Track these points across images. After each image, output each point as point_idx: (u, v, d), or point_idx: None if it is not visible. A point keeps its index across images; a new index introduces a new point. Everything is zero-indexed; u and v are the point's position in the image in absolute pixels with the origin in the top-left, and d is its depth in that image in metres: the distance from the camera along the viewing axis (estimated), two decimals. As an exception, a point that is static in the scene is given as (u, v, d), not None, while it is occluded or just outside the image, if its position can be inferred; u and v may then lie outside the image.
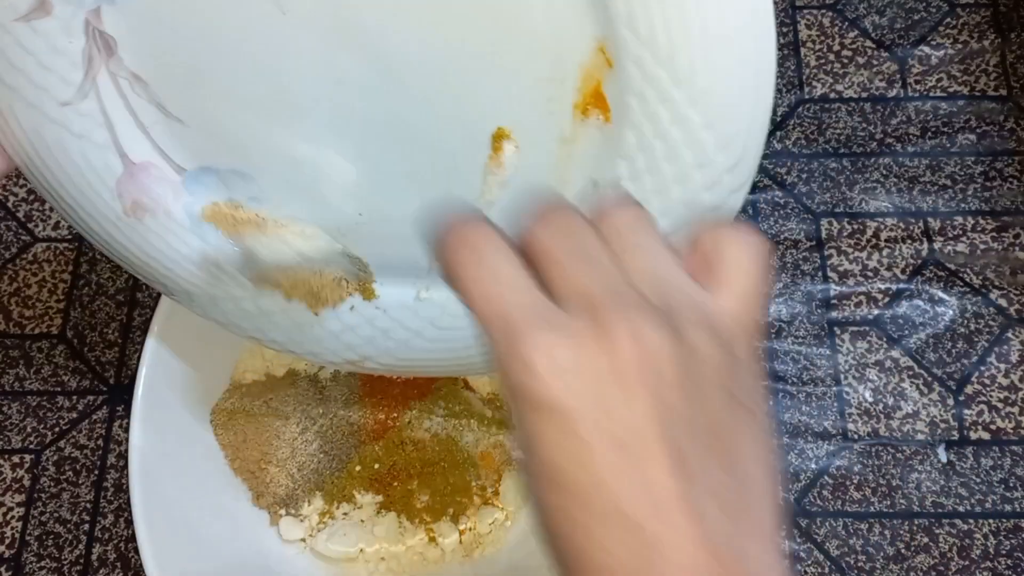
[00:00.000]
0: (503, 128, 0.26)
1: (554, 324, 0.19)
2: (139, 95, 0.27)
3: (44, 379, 0.49)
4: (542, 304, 0.19)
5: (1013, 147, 0.52)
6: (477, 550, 0.42)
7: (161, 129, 0.28)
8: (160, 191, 0.29)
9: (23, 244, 0.52)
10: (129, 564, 0.45)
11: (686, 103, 0.23)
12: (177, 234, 0.30)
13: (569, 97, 0.25)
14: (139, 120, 0.28)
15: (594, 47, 0.23)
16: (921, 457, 0.46)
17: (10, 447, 0.48)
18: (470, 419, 0.44)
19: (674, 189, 0.25)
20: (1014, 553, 0.44)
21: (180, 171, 0.29)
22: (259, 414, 0.42)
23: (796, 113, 0.53)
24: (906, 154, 0.52)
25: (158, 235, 0.29)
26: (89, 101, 0.27)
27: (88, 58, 0.26)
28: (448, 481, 0.42)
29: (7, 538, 0.46)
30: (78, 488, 0.47)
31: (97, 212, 0.29)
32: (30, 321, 0.50)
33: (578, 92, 0.24)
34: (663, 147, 0.24)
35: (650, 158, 0.24)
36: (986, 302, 0.48)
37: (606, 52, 0.23)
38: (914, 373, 0.47)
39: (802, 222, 0.51)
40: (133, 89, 0.27)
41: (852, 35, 0.55)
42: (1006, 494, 0.45)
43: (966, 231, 0.50)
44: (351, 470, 0.42)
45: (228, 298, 0.31)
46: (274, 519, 0.42)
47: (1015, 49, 0.54)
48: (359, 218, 0.29)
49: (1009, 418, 0.46)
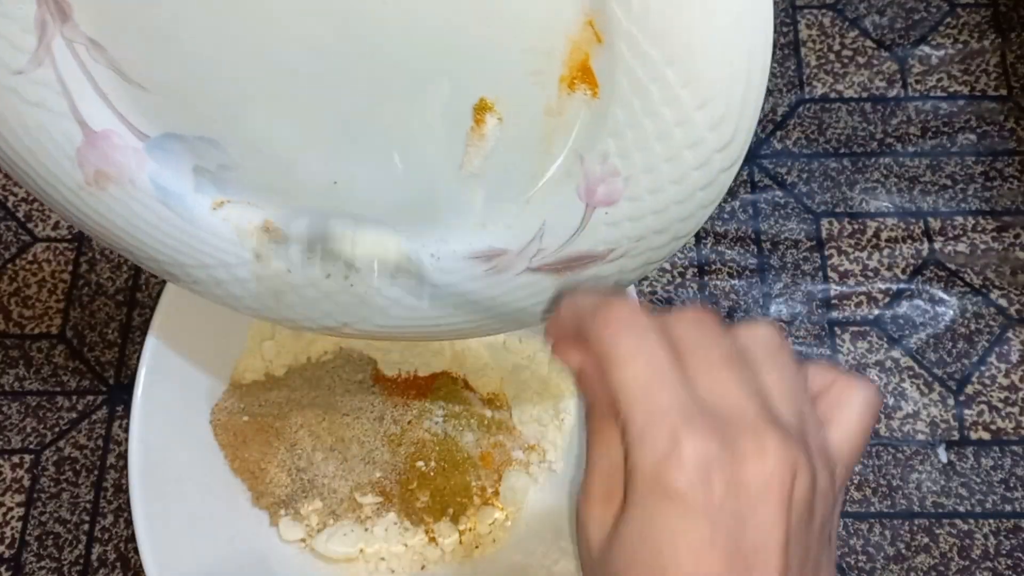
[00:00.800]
0: (486, 99, 0.26)
1: (707, 427, 0.20)
2: (97, 61, 0.26)
3: (44, 379, 0.49)
4: (694, 404, 0.20)
5: (1013, 147, 0.52)
6: (477, 550, 0.42)
7: (122, 95, 0.27)
8: (123, 159, 0.28)
9: (23, 244, 0.52)
10: (129, 564, 0.45)
11: (678, 83, 0.23)
12: (143, 203, 0.28)
13: (556, 70, 0.24)
14: (98, 87, 0.26)
15: (583, 21, 0.23)
16: (921, 457, 0.46)
17: (10, 447, 0.48)
18: (470, 419, 0.44)
19: (663, 167, 0.25)
20: (1014, 553, 0.44)
21: (144, 138, 0.28)
22: (259, 414, 0.42)
23: (796, 113, 0.53)
24: (906, 154, 0.52)
25: (123, 204, 0.28)
26: (44, 69, 0.25)
27: (41, 24, 0.25)
28: (448, 481, 0.42)
29: (7, 538, 0.46)
30: (78, 488, 0.47)
31: (59, 183, 0.28)
32: (30, 321, 0.50)
33: (565, 65, 0.24)
34: (653, 126, 0.24)
35: (639, 136, 0.24)
36: (986, 302, 0.48)
37: (595, 27, 0.23)
38: (914, 373, 0.47)
39: (802, 222, 0.51)
40: (91, 55, 0.26)
41: (852, 35, 0.55)
42: (1006, 494, 0.45)
43: (966, 231, 0.50)
44: (351, 470, 0.42)
45: (199, 266, 0.30)
46: (274, 519, 0.42)
47: (1015, 49, 0.54)
48: (334, 186, 0.29)
49: (1009, 418, 0.46)
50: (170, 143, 0.28)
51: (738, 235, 0.50)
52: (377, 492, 0.42)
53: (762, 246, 0.50)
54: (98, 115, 0.27)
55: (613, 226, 0.26)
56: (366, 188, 0.29)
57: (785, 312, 0.49)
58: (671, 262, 0.50)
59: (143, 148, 0.28)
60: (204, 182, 0.29)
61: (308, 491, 0.42)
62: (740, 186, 0.51)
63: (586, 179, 0.26)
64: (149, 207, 0.29)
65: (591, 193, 0.26)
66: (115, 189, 0.28)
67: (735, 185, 0.51)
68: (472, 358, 0.46)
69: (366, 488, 0.42)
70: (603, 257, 0.27)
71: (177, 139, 0.28)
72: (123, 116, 0.27)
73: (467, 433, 0.43)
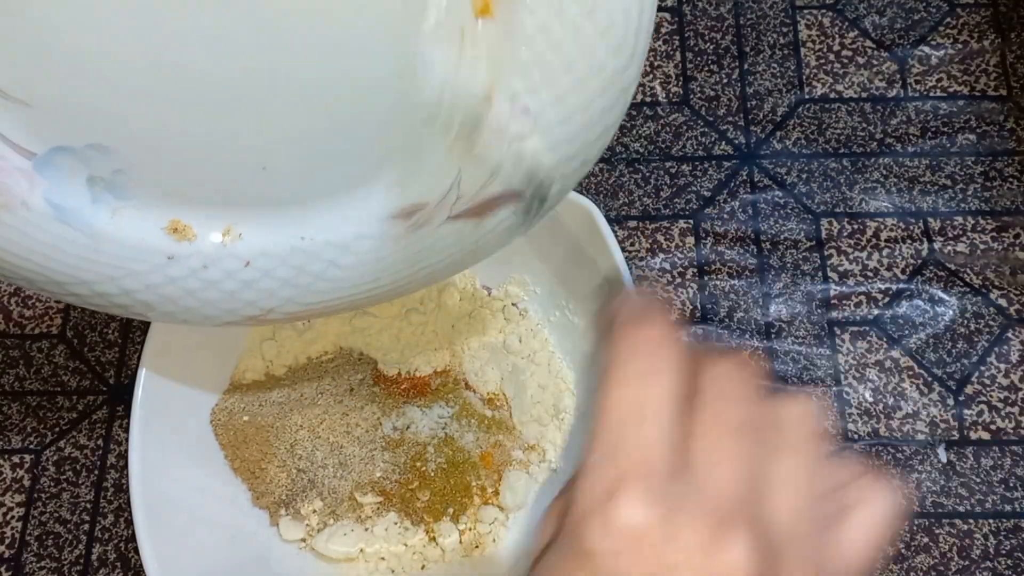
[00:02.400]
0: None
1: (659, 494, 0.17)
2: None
3: (44, 379, 0.49)
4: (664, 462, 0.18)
5: (1013, 147, 0.52)
6: (477, 550, 0.42)
7: (2, 115, 0.25)
8: (11, 182, 0.26)
9: (23, 244, 0.52)
10: (129, 564, 0.45)
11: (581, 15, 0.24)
12: (39, 225, 0.27)
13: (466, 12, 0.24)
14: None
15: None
16: (921, 457, 0.46)
17: (10, 447, 0.48)
18: (470, 419, 0.44)
19: (570, 98, 0.25)
20: (1014, 553, 0.44)
21: (30, 156, 0.26)
22: (259, 414, 0.42)
23: (796, 113, 0.53)
24: (906, 154, 0.52)
25: (17, 230, 0.27)
26: None
27: None
28: (448, 481, 0.42)
29: (7, 538, 0.46)
30: (78, 488, 0.47)
31: None
32: (30, 321, 0.50)
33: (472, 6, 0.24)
34: (558, 60, 0.24)
35: (545, 72, 0.25)
36: (986, 302, 0.48)
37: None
38: (914, 373, 0.47)
39: (802, 222, 0.51)
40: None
41: (852, 35, 0.55)
42: (1006, 494, 0.45)
43: (966, 231, 0.50)
44: (351, 470, 0.42)
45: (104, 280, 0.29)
46: (274, 519, 0.42)
47: (1015, 49, 0.54)
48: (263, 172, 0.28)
49: (1009, 418, 0.46)
50: (59, 157, 0.27)
51: (738, 235, 0.50)
52: (377, 492, 0.42)
53: (762, 246, 0.50)
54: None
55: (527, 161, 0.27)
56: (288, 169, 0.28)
57: (785, 312, 0.49)
58: (671, 262, 0.50)
59: (31, 167, 0.26)
60: (100, 191, 0.28)
61: (308, 491, 0.42)
62: (740, 186, 0.51)
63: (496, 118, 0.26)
64: (46, 229, 0.27)
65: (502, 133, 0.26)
66: (7, 216, 0.26)
67: (735, 185, 0.51)
68: (472, 358, 0.46)
69: (366, 488, 0.42)
70: (520, 194, 0.28)
71: (66, 152, 0.26)
72: (6, 136, 0.26)
73: (467, 433, 0.43)
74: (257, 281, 0.30)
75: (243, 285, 0.30)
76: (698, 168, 0.52)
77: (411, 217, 0.29)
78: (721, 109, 0.53)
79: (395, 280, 0.31)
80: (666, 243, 0.50)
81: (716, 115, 0.53)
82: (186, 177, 0.28)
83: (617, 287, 0.38)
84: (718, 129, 0.53)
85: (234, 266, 0.30)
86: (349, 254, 0.30)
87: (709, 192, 0.52)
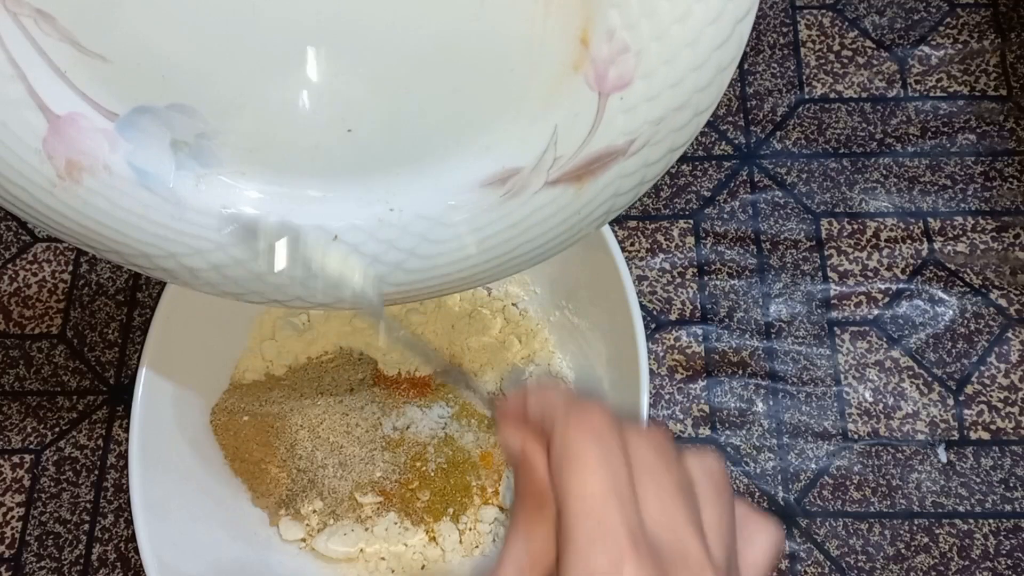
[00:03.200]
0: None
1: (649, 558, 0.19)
2: (48, 34, 0.23)
3: (44, 379, 0.49)
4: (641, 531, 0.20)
5: (1013, 147, 0.52)
6: (477, 549, 0.42)
7: (81, 71, 0.24)
8: (94, 144, 0.24)
9: (23, 244, 0.52)
10: (129, 564, 0.45)
11: None
12: (123, 191, 0.25)
13: None
14: (54, 64, 0.23)
15: None
16: (921, 457, 0.46)
17: (10, 447, 0.48)
18: (470, 419, 0.44)
19: (674, 31, 0.22)
20: (1014, 553, 0.44)
21: (112, 117, 0.24)
22: (259, 414, 0.42)
23: (796, 113, 0.53)
24: (906, 154, 0.52)
25: (102, 196, 0.25)
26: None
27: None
28: (448, 481, 0.42)
29: (7, 538, 0.46)
30: (78, 488, 0.47)
31: (28, 182, 0.24)
32: (30, 321, 0.50)
33: None
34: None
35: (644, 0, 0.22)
36: (986, 302, 0.48)
37: None
38: (914, 373, 0.47)
39: (802, 222, 0.51)
40: (40, 28, 0.23)
41: (852, 35, 0.55)
42: (1006, 494, 0.45)
43: (966, 231, 0.50)
44: (351, 470, 0.42)
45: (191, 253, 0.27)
46: (274, 519, 0.42)
47: (1015, 49, 0.54)
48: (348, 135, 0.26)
49: (1009, 418, 0.46)
50: (141, 119, 0.25)
51: (738, 235, 0.50)
52: (377, 492, 0.42)
53: (762, 246, 0.50)
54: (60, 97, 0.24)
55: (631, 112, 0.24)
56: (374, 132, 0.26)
57: (785, 312, 0.49)
58: (671, 262, 0.50)
59: (114, 129, 0.25)
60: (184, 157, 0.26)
61: (308, 491, 0.42)
62: (740, 186, 0.51)
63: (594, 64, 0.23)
64: (131, 195, 0.25)
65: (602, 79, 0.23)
66: (90, 180, 0.25)
67: (735, 185, 0.51)
68: (472, 358, 0.46)
69: (366, 488, 0.42)
70: (624, 151, 0.25)
71: (148, 112, 0.25)
72: (86, 95, 0.24)
73: (467, 433, 0.43)
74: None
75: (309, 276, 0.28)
76: (698, 168, 0.52)
77: (505, 183, 0.26)
78: (721, 109, 0.53)
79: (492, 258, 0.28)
80: (666, 243, 0.50)
81: (716, 115, 0.53)
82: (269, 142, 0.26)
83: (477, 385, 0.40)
84: (718, 129, 0.53)
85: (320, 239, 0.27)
86: (441, 227, 0.27)
87: (709, 192, 0.52)
